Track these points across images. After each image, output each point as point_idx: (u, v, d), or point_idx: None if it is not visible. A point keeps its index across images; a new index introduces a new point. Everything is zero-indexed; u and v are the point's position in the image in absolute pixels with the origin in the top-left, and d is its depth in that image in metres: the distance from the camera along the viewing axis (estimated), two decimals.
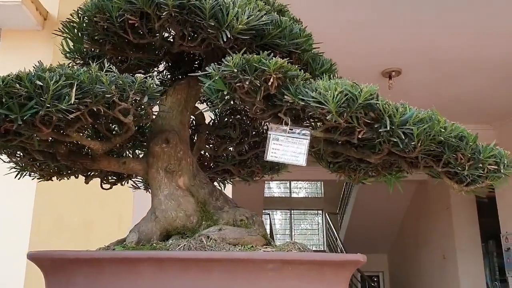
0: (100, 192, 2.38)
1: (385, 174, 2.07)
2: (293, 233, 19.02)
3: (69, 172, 2.21)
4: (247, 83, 1.64)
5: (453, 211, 12.04)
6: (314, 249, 18.37)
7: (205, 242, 1.70)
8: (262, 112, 1.92)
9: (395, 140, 1.65)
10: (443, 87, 8.23)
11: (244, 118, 2.41)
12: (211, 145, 2.46)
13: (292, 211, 18.88)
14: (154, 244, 1.81)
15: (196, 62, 2.42)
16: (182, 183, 2.01)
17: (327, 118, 1.60)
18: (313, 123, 1.93)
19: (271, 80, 1.64)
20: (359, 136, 1.69)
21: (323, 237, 18.28)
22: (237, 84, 1.67)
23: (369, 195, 13.76)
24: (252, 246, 1.83)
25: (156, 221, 1.92)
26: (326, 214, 17.19)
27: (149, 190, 2.13)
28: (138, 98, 1.74)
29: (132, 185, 2.53)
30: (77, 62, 2.22)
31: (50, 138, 1.89)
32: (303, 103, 1.64)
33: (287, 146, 1.74)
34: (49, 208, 4.63)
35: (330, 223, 16.83)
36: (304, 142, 1.73)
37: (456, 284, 11.74)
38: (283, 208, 18.55)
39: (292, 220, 19.12)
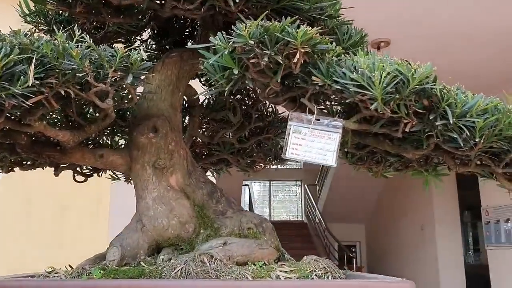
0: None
1: (421, 171, 1.72)
2: (271, 203, 18.86)
3: (33, 163, 1.79)
4: (265, 59, 1.24)
5: (433, 183, 11.94)
6: (292, 219, 18.29)
7: (208, 264, 1.32)
8: (275, 95, 1.53)
9: (452, 135, 1.29)
10: (436, 58, 7.86)
11: (245, 98, 2.01)
12: (205, 131, 2.06)
13: (271, 182, 18.65)
14: (142, 264, 1.42)
15: (187, 30, 1.99)
16: (175, 182, 1.62)
17: (371, 107, 1.22)
18: (334, 109, 1.56)
19: (297, 56, 1.24)
20: (406, 130, 1.32)
21: (302, 207, 18.17)
22: (252, 61, 1.27)
23: (348, 167, 13.57)
24: (265, 263, 1.46)
25: (143, 231, 1.54)
26: (305, 185, 17.03)
27: (131, 182, 1.73)
28: (120, 77, 1.32)
29: (111, 176, 2.11)
30: (40, 28, 1.77)
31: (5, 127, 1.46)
32: (337, 87, 1.25)
33: (312, 141, 1.36)
34: (17, 190, 4.12)
35: (309, 193, 16.69)
36: (334, 136, 1.35)
37: (434, 255, 11.79)
38: (262, 179, 18.29)
39: (271, 191, 18.89)
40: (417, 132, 1.41)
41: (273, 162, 2.11)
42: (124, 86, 1.41)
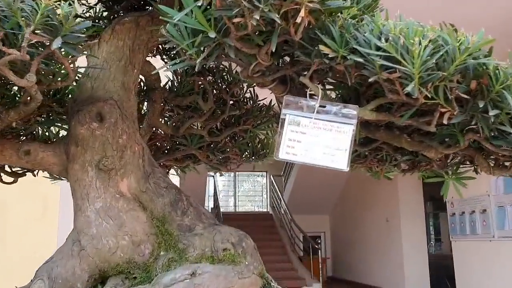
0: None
1: (442, 174, 1.37)
2: (236, 195, 18.48)
3: None
4: (256, 17, 0.85)
5: (398, 177, 11.89)
6: (257, 210, 18.06)
7: None
8: (260, 74, 1.15)
9: (509, 129, 0.94)
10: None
11: (219, 80, 1.61)
12: (168, 120, 1.66)
13: (237, 172, 18.23)
14: None
15: None
16: (127, 189, 1.22)
17: (408, 88, 0.85)
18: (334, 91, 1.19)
19: (301, 13, 0.86)
20: (444, 122, 0.96)
21: (267, 198, 17.89)
22: (235, 20, 0.88)
23: None
24: None
25: (81, 256, 1.13)
26: (271, 176, 16.74)
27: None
28: (44, 41, 0.91)
29: (50, 175, 1.67)
30: None
31: None
32: (358, 59, 0.88)
33: (316, 135, 0.98)
34: None
35: (275, 184, 16.46)
36: (346, 129, 0.98)
37: (399, 245, 11.79)
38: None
39: (236, 182, 18.47)
40: (449, 125, 1.06)
41: (251, 159, 1.73)
42: (56, 57, 0.99)
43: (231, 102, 1.62)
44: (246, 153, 1.75)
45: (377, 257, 13.04)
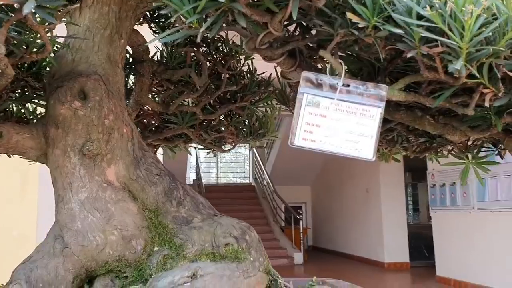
0: None
1: (462, 158, 1.25)
2: (218, 166, 18.32)
3: None
4: None
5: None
6: (239, 181, 18.05)
7: None
8: (268, 46, 1.00)
9: None
10: None
11: (214, 52, 1.45)
12: (158, 96, 1.50)
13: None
14: None
15: None
16: (115, 176, 1.07)
17: (456, 65, 0.71)
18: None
19: None
20: (486, 104, 0.83)
21: (250, 170, 17.80)
22: None
23: None
24: None
25: (64, 254, 0.99)
26: (254, 148, 16.61)
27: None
28: (14, 4, 0.75)
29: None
30: None
31: None
32: (395, 30, 0.74)
33: (338, 119, 0.85)
34: None
35: (257, 156, 16.40)
36: (373, 112, 0.85)
37: (379, 216, 11.91)
38: None
39: (218, 153, 18.21)
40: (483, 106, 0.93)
41: (248, 139, 1.58)
42: (29, 24, 0.83)
43: (227, 76, 1.47)
44: (243, 132, 1.60)
45: (357, 227, 13.23)
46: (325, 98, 0.84)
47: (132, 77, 1.47)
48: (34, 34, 0.97)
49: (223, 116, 1.56)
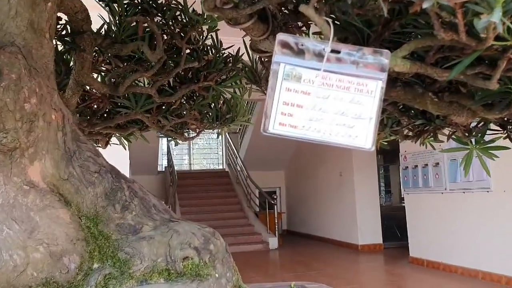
0: None
1: (464, 142, 1.06)
2: (191, 153, 17.98)
3: None
4: None
5: None
6: (212, 167, 17.89)
7: None
8: (232, 6, 0.78)
9: None
10: None
11: (171, 21, 1.21)
12: (105, 75, 1.25)
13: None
14: None
15: None
16: (40, 176, 0.83)
17: (491, 18, 0.51)
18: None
19: None
20: None
21: (223, 156, 17.55)
22: None
23: None
24: None
25: None
26: (227, 134, 16.36)
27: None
28: None
29: None
30: None
31: None
32: None
33: (326, 97, 0.64)
34: None
35: (231, 142, 16.21)
36: (371, 86, 0.64)
37: (352, 198, 11.96)
38: None
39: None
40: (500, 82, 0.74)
41: (215, 125, 1.36)
42: None
43: (187, 51, 1.23)
44: (208, 116, 1.38)
45: (331, 210, 13.38)
46: (308, 69, 0.63)
47: (71, 53, 1.22)
48: None
49: (185, 98, 1.33)
